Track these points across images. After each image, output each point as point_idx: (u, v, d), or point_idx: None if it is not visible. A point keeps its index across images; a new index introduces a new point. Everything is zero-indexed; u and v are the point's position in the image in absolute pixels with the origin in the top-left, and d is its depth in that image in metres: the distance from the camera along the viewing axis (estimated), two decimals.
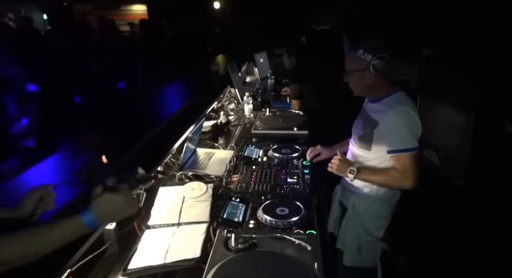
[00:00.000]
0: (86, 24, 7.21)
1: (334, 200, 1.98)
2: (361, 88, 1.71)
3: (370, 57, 1.59)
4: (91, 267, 1.20)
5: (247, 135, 2.51)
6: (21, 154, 2.56)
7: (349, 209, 1.81)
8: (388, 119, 1.61)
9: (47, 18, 10.05)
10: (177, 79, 3.49)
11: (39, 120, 2.69)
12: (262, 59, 4.41)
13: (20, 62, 2.84)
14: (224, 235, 1.25)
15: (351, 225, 1.81)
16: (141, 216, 1.46)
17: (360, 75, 1.64)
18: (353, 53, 1.66)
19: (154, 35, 5.39)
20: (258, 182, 1.77)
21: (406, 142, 1.57)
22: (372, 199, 1.75)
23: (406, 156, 1.58)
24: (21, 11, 10.04)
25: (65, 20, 8.79)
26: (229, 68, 3.17)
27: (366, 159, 1.73)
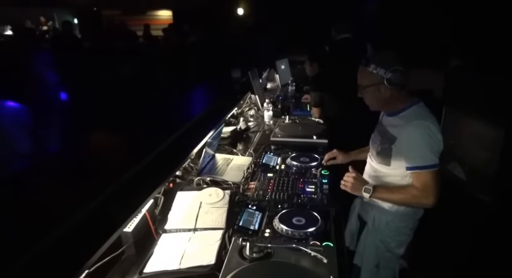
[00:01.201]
0: (113, 28, 7.45)
1: (352, 213, 1.94)
2: (378, 103, 1.65)
3: (383, 71, 1.53)
4: (108, 269, 1.22)
5: (266, 142, 2.51)
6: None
7: (369, 223, 1.77)
8: (406, 134, 1.55)
9: (77, 22, 10.44)
10: (199, 85, 3.53)
11: (70, 123, 2.79)
12: (284, 65, 4.41)
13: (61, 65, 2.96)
14: (239, 243, 1.25)
15: (370, 240, 1.77)
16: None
17: (374, 90, 1.59)
18: (364, 68, 1.59)
19: (178, 40, 5.51)
20: (275, 190, 1.76)
21: (425, 158, 1.51)
22: (393, 214, 1.69)
23: (426, 173, 1.52)
24: (53, 15, 10.48)
25: (94, 25, 9.12)
26: (250, 74, 3.19)
27: (386, 175, 1.69)
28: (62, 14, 10.78)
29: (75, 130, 2.83)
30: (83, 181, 1.33)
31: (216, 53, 5.32)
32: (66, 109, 2.82)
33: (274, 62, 4.25)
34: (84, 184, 1.29)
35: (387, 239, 1.72)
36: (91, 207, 1.13)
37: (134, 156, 1.59)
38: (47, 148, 2.66)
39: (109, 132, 2.16)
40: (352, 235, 1.91)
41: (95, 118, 2.89)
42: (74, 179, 1.36)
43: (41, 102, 2.73)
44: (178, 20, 10.95)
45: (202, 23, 7.02)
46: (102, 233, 1.06)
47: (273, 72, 4.46)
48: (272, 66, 4.36)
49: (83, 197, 1.19)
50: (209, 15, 8.83)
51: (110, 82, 3.29)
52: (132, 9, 10.97)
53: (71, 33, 5.63)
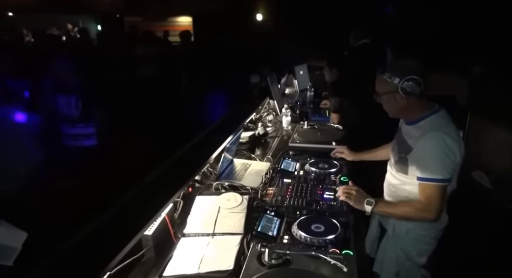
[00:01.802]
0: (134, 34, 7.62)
1: (373, 220, 1.90)
2: (395, 111, 1.63)
3: (397, 80, 1.50)
4: (129, 271, 1.24)
5: (284, 147, 2.50)
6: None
7: (389, 230, 1.73)
8: (421, 145, 1.52)
9: (100, 28, 10.75)
10: (218, 90, 3.57)
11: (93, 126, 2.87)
12: (302, 71, 4.41)
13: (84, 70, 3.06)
14: (258, 249, 1.24)
15: (390, 248, 1.73)
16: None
17: (390, 98, 1.57)
18: (380, 76, 1.57)
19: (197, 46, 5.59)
20: (294, 196, 1.75)
21: (435, 171, 1.48)
22: (414, 222, 1.65)
23: (433, 186, 1.49)
24: (78, 22, 10.84)
25: (117, 31, 9.38)
26: (268, 79, 3.20)
27: (405, 183, 1.65)
28: (86, 20, 11.14)
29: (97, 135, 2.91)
30: (105, 185, 1.37)
31: (234, 58, 5.37)
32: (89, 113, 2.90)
33: (293, 68, 4.25)
34: (106, 188, 1.32)
35: (408, 247, 1.68)
36: (113, 210, 1.15)
37: (154, 160, 1.62)
38: (68, 152, 2.74)
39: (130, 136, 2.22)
40: (373, 242, 1.87)
41: (116, 123, 2.96)
42: (96, 184, 1.40)
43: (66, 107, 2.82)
44: (198, 26, 11.13)
45: (221, 29, 7.10)
46: (124, 235, 1.08)
47: (291, 78, 4.46)
48: (291, 72, 4.36)
49: (106, 201, 1.22)
50: (228, 21, 8.92)
51: (130, 87, 3.37)
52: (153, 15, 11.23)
53: (90, 39, 5.82)
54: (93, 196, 1.26)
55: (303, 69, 4.41)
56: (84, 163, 2.16)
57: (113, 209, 1.15)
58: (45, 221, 1.04)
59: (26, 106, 2.70)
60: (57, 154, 2.40)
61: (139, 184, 1.39)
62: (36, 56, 3.77)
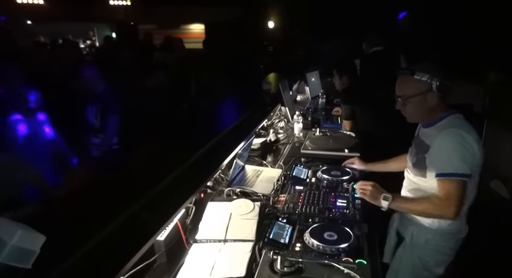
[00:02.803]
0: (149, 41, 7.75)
1: (391, 229, 1.86)
2: (421, 113, 1.61)
3: (431, 78, 1.50)
4: (141, 276, 1.24)
5: (296, 154, 2.49)
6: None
7: (407, 239, 1.70)
8: (439, 141, 1.50)
9: (115, 36, 10.97)
10: (229, 96, 3.59)
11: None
12: (314, 78, 4.40)
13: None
14: (270, 256, 1.23)
15: (407, 256, 1.69)
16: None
17: (420, 99, 1.55)
18: (408, 77, 1.56)
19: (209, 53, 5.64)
20: (306, 203, 1.74)
21: (454, 166, 1.44)
22: (434, 232, 1.61)
23: (452, 181, 1.44)
24: (94, 29, 11.08)
25: (131, 38, 9.55)
26: (280, 86, 3.20)
27: (424, 188, 1.63)
28: (102, 28, 11.39)
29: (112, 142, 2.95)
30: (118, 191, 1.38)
31: (247, 65, 5.41)
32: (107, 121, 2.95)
33: (305, 74, 4.25)
34: (119, 194, 1.33)
35: (426, 257, 1.64)
36: (127, 215, 1.16)
37: (167, 166, 1.63)
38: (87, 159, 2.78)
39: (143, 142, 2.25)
40: (391, 251, 1.84)
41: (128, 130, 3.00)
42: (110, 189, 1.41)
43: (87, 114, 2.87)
44: (210, 34, 11.25)
45: (233, 36, 7.17)
46: (137, 240, 1.08)
47: (303, 84, 4.46)
48: (302, 78, 4.36)
49: (119, 206, 1.23)
50: (241, 28, 9.00)
51: (144, 93, 3.41)
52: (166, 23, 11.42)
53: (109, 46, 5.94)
54: (107, 201, 1.27)
55: (315, 76, 4.40)
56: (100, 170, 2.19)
57: (126, 214, 1.16)
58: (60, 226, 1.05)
59: (45, 114, 2.77)
60: (75, 161, 2.46)
61: (152, 189, 1.40)
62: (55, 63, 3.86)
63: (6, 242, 0.64)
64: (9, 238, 0.64)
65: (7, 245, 0.64)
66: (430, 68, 1.53)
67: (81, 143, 2.90)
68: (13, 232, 0.65)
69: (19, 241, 0.65)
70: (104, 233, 1.06)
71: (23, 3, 9.36)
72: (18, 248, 0.65)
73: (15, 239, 0.65)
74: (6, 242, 0.64)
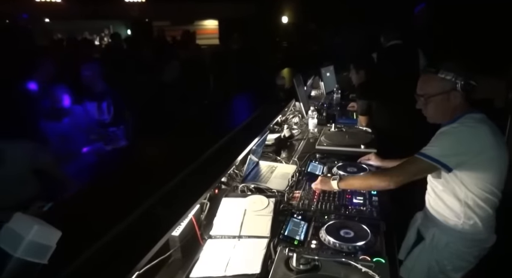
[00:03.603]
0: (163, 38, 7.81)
1: (412, 227, 1.82)
2: (442, 113, 1.56)
3: (455, 77, 1.46)
4: (156, 272, 1.24)
5: (310, 150, 2.46)
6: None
7: (427, 240, 1.65)
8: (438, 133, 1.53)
9: (130, 33, 11.08)
10: (244, 92, 3.57)
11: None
12: (329, 73, 4.34)
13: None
14: (285, 253, 1.22)
15: (424, 257, 1.65)
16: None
17: (443, 98, 1.51)
18: (432, 75, 1.52)
19: (223, 48, 5.64)
20: (321, 200, 1.71)
21: (429, 149, 1.48)
22: (456, 236, 1.56)
23: (415, 159, 1.50)
24: (109, 27, 11.22)
25: (145, 35, 9.64)
26: (295, 81, 3.16)
27: (442, 190, 1.59)
28: (117, 26, 11.52)
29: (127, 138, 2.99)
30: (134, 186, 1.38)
31: (261, 60, 5.38)
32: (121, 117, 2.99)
33: (319, 69, 4.20)
34: (135, 189, 1.34)
35: (444, 260, 1.59)
36: (142, 210, 1.16)
37: (182, 161, 1.63)
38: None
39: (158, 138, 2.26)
40: (408, 247, 1.79)
41: (144, 125, 3.02)
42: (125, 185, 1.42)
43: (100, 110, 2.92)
44: (224, 29, 11.24)
45: (247, 32, 7.14)
46: (153, 235, 1.08)
47: (317, 79, 4.40)
48: (317, 73, 4.31)
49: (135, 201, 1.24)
50: (254, 24, 8.96)
51: (158, 90, 3.44)
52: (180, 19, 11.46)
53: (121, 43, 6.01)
54: (123, 197, 1.28)
55: (330, 71, 4.34)
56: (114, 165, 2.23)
57: (142, 209, 1.16)
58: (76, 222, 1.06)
59: (64, 109, 2.84)
60: (89, 157, 2.50)
61: (168, 185, 1.40)
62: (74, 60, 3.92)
63: (23, 237, 0.64)
64: (26, 233, 0.65)
65: (24, 241, 0.64)
66: (454, 66, 1.49)
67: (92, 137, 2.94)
68: (29, 227, 0.65)
69: (35, 236, 0.65)
70: (120, 228, 1.06)
71: (41, 2, 9.54)
72: (34, 243, 0.65)
73: (31, 234, 0.65)
74: (22, 237, 0.64)
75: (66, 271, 0.85)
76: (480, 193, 1.48)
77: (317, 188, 1.75)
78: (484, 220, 1.52)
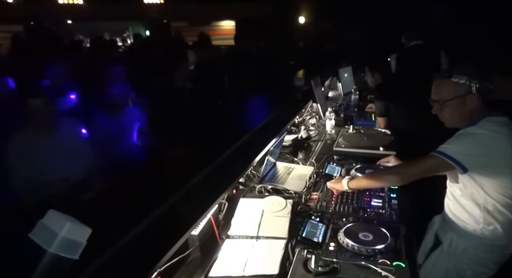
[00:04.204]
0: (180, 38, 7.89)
1: (429, 230, 1.79)
2: (459, 117, 1.53)
3: (469, 80, 1.44)
4: (175, 270, 1.26)
5: (328, 151, 2.45)
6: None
7: (445, 244, 1.62)
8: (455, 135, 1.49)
9: (149, 33, 11.26)
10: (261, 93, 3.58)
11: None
12: (347, 74, 4.30)
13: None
14: (304, 255, 1.22)
15: (441, 262, 1.62)
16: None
17: (458, 102, 1.48)
18: (445, 80, 1.50)
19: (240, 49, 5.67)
20: (339, 202, 1.70)
21: (447, 147, 1.44)
22: (475, 241, 1.53)
23: (431, 156, 1.46)
24: (129, 28, 11.43)
25: (163, 35, 9.77)
26: (312, 82, 3.15)
27: (460, 195, 1.56)
28: (136, 26, 11.72)
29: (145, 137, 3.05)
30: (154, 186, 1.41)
31: (277, 61, 5.38)
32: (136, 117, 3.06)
33: (337, 70, 4.17)
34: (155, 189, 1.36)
35: (462, 265, 1.56)
36: (163, 209, 1.18)
37: (201, 162, 1.65)
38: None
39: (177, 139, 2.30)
40: (425, 252, 1.77)
41: (162, 126, 3.07)
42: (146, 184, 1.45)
43: None
44: (241, 30, 11.28)
45: (264, 33, 7.14)
46: (174, 233, 1.10)
47: (335, 81, 4.37)
48: (334, 74, 4.28)
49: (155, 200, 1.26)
50: (271, 24, 8.96)
51: (177, 91, 3.49)
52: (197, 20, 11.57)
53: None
54: (144, 196, 1.30)
55: (348, 72, 4.30)
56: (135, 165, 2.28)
57: (163, 208, 1.18)
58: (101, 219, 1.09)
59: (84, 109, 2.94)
60: (112, 157, 2.58)
61: (187, 185, 1.42)
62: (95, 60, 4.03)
63: (57, 233, 0.67)
64: (59, 229, 0.67)
65: (58, 237, 0.67)
66: (468, 69, 1.47)
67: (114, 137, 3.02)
68: (63, 224, 0.68)
69: (68, 233, 0.68)
70: (143, 227, 1.09)
71: (64, 4, 9.81)
72: (67, 240, 0.68)
73: (64, 230, 0.68)
74: (56, 233, 0.67)
75: (90, 267, 0.88)
76: (500, 198, 1.45)
77: (331, 187, 1.78)
78: (505, 225, 1.48)
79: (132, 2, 10.58)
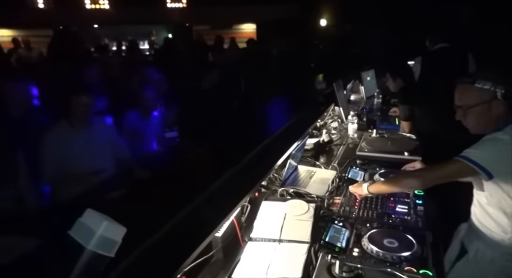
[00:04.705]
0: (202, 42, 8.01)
1: (455, 238, 1.74)
2: (485, 124, 1.47)
3: (494, 85, 1.39)
4: (199, 270, 1.28)
5: (350, 156, 2.42)
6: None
7: (470, 254, 1.57)
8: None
9: (171, 37, 11.48)
10: (282, 96, 3.58)
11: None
12: (370, 77, 4.24)
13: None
14: (328, 260, 1.21)
15: (467, 271, 1.56)
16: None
17: (483, 108, 1.43)
18: (468, 86, 1.45)
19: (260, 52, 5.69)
20: (363, 207, 1.68)
21: (473, 152, 1.38)
22: (503, 251, 1.47)
23: (456, 161, 1.40)
24: (152, 31, 11.68)
25: (186, 38, 9.94)
26: (334, 85, 3.13)
27: (486, 203, 1.51)
28: (159, 30, 11.97)
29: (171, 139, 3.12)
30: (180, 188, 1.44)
31: (298, 64, 5.36)
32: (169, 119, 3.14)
33: (360, 73, 4.12)
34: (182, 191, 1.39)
35: (489, 275, 1.50)
36: (188, 211, 1.21)
37: (224, 164, 1.67)
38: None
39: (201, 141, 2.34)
40: (450, 261, 1.71)
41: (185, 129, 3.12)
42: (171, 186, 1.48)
43: None
44: (262, 33, 11.33)
45: (285, 35, 7.15)
46: (199, 234, 1.12)
47: (357, 84, 4.32)
48: (357, 77, 4.23)
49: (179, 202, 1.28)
50: (292, 27, 8.95)
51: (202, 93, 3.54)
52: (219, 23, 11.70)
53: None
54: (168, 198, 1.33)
55: (371, 75, 4.24)
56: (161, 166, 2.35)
57: (188, 210, 1.20)
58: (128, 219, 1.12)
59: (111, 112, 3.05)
60: (142, 157, 2.67)
61: (211, 187, 1.44)
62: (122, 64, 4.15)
63: (95, 231, 0.70)
64: (97, 227, 0.70)
65: (95, 235, 0.70)
66: (493, 74, 1.42)
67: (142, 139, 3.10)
68: (100, 223, 0.71)
69: (105, 231, 0.71)
70: (168, 228, 1.11)
71: (91, 9, 10.14)
72: (104, 238, 0.71)
73: (102, 229, 0.71)
74: (94, 231, 0.70)
75: (119, 266, 0.90)
76: None
77: (352, 191, 1.76)
78: None
79: (156, 6, 10.82)
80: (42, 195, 2.32)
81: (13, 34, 9.21)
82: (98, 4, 10.19)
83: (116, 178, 2.35)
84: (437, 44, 3.12)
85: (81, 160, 2.38)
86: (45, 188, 2.35)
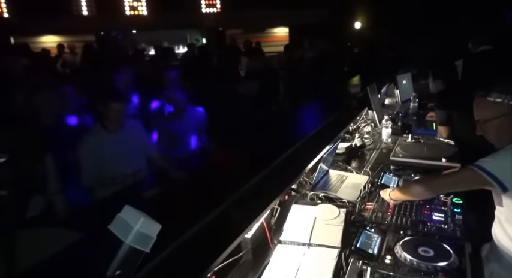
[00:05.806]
0: (235, 46, 8.11)
1: None
2: (507, 136, 1.38)
3: (508, 98, 1.32)
4: (228, 271, 1.30)
5: (384, 161, 2.36)
6: None
7: (486, 276, 1.44)
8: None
9: (205, 41, 11.72)
10: (315, 99, 3.55)
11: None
12: (406, 80, 4.11)
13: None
14: (358, 266, 1.19)
15: None
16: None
17: (502, 121, 1.36)
18: (483, 99, 1.40)
19: (295, 56, 5.67)
20: (396, 214, 1.63)
21: (487, 161, 1.31)
22: None
23: (468, 169, 1.35)
24: (186, 36, 11.99)
25: (219, 43, 10.12)
26: (368, 89, 3.06)
27: (506, 219, 1.41)
28: (194, 34, 12.26)
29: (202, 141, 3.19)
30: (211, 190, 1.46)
31: (332, 67, 5.30)
32: None
33: (395, 77, 4.00)
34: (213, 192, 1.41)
35: None
36: (219, 211, 1.23)
37: (255, 167, 1.68)
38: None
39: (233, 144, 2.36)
40: None
41: (218, 131, 3.17)
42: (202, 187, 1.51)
43: None
44: (294, 37, 11.30)
45: (318, 39, 7.09)
46: (229, 235, 1.14)
47: (392, 87, 4.20)
48: (392, 81, 4.11)
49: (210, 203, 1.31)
50: (324, 30, 8.87)
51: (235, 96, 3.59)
52: (251, 27, 11.81)
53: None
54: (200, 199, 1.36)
55: (407, 79, 4.11)
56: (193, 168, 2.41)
57: (219, 210, 1.22)
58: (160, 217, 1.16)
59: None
60: (170, 160, 2.75)
61: (242, 188, 1.45)
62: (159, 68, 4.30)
63: (132, 227, 0.74)
64: (134, 223, 0.74)
65: (133, 230, 0.73)
66: (508, 87, 1.35)
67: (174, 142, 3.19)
68: (137, 219, 0.75)
69: (142, 227, 0.74)
70: (199, 227, 1.13)
71: (130, 15, 10.59)
72: (140, 234, 0.75)
73: (139, 224, 0.74)
74: (132, 227, 0.74)
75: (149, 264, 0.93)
76: None
77: (381, 196, 1.74)
78: None
79: (190, 11, 11.09)
80: (81, 196, 2.42)
81: (58, 40, 9.79)
82: (136, 11, 10.61)
83: (151, 178, 2.42)
84: (481, 46, 2.97)
85: (116, 163, 2.45)
86: (84, 189, 2.44)
